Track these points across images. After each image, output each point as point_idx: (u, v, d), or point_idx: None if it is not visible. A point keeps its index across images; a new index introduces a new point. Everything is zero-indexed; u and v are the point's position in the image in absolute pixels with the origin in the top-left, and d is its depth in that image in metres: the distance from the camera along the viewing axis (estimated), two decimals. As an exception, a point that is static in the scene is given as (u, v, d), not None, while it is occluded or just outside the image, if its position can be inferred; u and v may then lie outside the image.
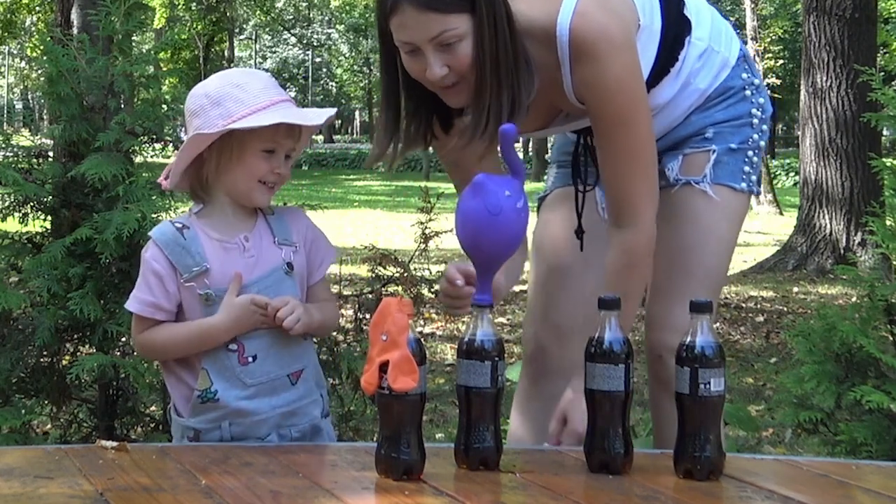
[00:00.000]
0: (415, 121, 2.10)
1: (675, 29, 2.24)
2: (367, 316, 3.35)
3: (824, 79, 10.01)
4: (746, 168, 2.31)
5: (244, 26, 43.08)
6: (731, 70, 2.31)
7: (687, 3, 2.27)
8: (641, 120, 2.10)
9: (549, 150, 2.72)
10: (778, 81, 24.86)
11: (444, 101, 2.07)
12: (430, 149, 2.18)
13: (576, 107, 2.14)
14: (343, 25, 43.45)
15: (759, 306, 8.64)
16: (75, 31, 6.53)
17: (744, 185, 2.30)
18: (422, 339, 1.79)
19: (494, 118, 1.99)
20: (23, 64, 39.20)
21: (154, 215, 2.89)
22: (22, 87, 44.39)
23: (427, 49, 1.96)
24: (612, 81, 2.03)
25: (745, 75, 2.33)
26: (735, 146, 2.29)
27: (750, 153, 2.31)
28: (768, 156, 23.02)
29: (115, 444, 1.87)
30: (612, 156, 2.10)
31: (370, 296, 3.46)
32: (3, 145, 3.12)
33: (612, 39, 2.04)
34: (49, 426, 3.29)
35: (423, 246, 3.52)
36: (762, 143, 2.34)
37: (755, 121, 2.32)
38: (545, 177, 2.59)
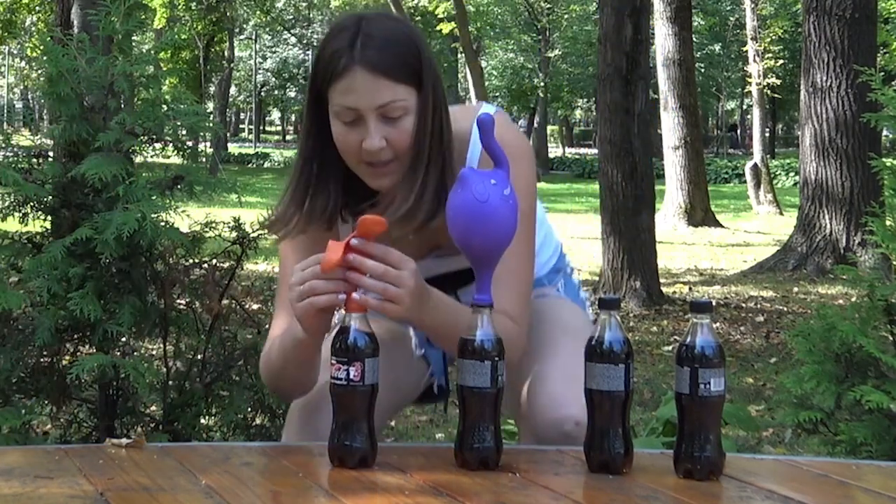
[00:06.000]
0: (322, 196, 2.01)
1: None
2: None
3: (824, 79, 10.02)
4: (581, 293, 2.44)
5: (244, 26, 43.04)
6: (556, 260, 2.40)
7: None
8: (533, 232, 2.12)
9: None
10: (778, 81, 24.88)
11: (367, 181, 2.00)
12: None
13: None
14: (343, 25, 43.30)
15: (759, 306, 8.65)
16: (75, 31, 6.54)
17: (583, 297, 2.43)
18: (373, 332, 1.78)
19: (431, 196, 1.97)
20: (23, 64, 39.17)
21: (154, 215, 2.89)
22: (22, 87, 44.37)
23: (370, 117, 1.92)
24: (522, 183, 1.98)
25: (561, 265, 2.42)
26: (567, 276, 2.41)
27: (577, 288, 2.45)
28: (768, 156, 22.99)
29: (128, 440, 1.87)
30: (507, 255, 1.95)
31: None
32: (3, 145, 3.11)
33: (524, 146, 2.10)
34: (49, 426, 3.29)
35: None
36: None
37: (568, 269, 2.43)
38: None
